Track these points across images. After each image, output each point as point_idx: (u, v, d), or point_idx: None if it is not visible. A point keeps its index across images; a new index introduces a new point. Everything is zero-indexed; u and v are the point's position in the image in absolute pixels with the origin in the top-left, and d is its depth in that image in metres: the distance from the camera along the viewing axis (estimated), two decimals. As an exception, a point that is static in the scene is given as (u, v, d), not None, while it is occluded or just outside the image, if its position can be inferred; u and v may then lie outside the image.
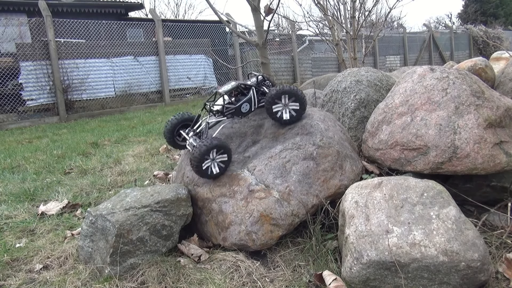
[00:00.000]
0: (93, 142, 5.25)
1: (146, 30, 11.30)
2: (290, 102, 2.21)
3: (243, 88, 2.28)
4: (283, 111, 2.21)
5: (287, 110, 2.22)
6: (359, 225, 1.64)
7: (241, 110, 2.24)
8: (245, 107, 2.24)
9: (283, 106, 2.21)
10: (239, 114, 2.25)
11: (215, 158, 2.06)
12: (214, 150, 2.02)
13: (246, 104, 2.24)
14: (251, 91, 2.26)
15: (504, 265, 1.69)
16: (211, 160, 2.05)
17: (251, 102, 2.25)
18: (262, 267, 1.88)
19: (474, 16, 25.85)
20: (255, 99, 2.27)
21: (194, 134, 2.24)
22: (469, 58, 3.39)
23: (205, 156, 2.01)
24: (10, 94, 8.00)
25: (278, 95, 2.17)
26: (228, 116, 2.24)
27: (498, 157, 1.92)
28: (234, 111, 2.23)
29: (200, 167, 2.03)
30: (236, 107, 2.22)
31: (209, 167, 2.06)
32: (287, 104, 2.21)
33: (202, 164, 2.02)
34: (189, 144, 2.20)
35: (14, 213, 2.78)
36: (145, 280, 1.82)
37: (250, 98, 2.25)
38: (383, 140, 2.22)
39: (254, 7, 3.32)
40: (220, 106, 2.21)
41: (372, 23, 8.88)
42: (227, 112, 2.22)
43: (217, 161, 2.07)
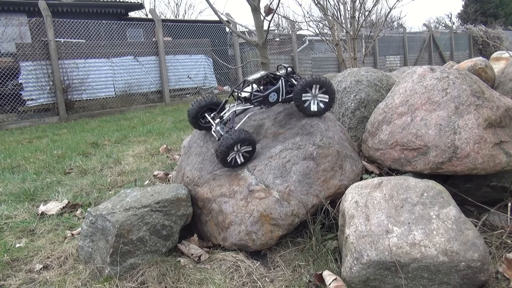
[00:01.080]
0: (93, 142, 5.25)
1: (146, 30, 11.30)
2: (319, 93, 2.19)
3: (272, 78, 2.27)
4: (311, 102, 2.19)
5: (316, 101, 2.20)
6: (359, 225, 1.64)
7: (268, 99, 2.22)
8: (273, 96, 2.22)
9: (312, 97, 2.19)
10: (266, 103, 2.23)
11: (240, 149, 2.09)
12: (242, 143, 2.05)
13: (274, 93, 2.22)
14: (280, 81, 2.24)
15: (504, 265, 1.69)
16: (236, 152, 2.08)
17: (279, 92, 2.23)
18: (262, 267, 1.88)
19: (474, 16, 25.85)
20: (283, 89, 2.24)
21: (220, 121, 2.24)
22: (469, 58, 3.39)
23: (231, 150, 2.04)
24: (10, 94, 8.00)
25: (310, 84, 2.15)
26: (255, 104, 2.22)
27: (498, 157, 1.92)
28: (262, 99, 2.21)
29: (225, 160, 2.06)
30: (264, 96, 2.20)
31: (233, 158, 2.10)
32: (316, 95, 2.19)
33: (227, 157, 2.06)
34: (216, 131, 2.20)
35: (14, 213, 2.78)
36: (145, 280, 1.82)
37: (278, 88, 2.23)
38: (383, 140, 2.22)
39: (254, 7, 3.32)
40: (248, 94, 2.19)
41: (372, 23, 8.88)
42: (254, 100, 2.20)
43: (241, 152, 2.10)
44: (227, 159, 2.07)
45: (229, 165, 2.11)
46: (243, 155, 2.12)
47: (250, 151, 2.12)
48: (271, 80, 2.26)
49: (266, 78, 2.26)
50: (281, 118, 2.40)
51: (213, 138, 2.36)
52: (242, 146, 2.07)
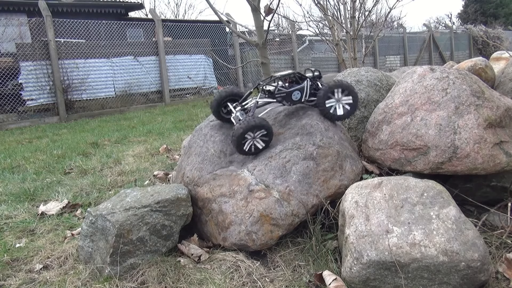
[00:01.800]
0: (93, 142, 5.25)
1: (146, 30, 11.30)
2: (343, 96, 2.21)
3: (298, 77, 2.30)
4: (336, 107, 2.21)
5: (340, 105, 2.21)
6: (359, 225, 1.64)
7: (291, 96, 2.25)
8: (296, 95, 2.25)
9: (336, 101, 2.20)
10: (288, 100, 2.26)
11: (255, 136, 2.10)
12: (253, 129, 2.06)
13: (298, 92, 2.25)
14: (306, 82, 2.27)
15: (504, 265, 1.69)
16: (251, 138, 2.10)
17: (303, 92, 2.26)
18: (262, 267, 1.88)
19: (474, 16, 25.86)
20: (307, 91, 2.27)
21: (241, 108, 2.27)
22: (469, 58, 3.39)
23: (243, 138, 2.06)
24: (10, 94, 8.00)
25: (332, 89, 2.17)
26: (278, 99, 2.24)
27: (498, 157, 1.92)
28: (285, 95, 2.24)
29: (241, 148, 2.09)
30: (288, 92, 2.23)
31: (251, 145, 2.12)
32: (340, 99, 2.20)
33: (242, 145, 2.08)
34: (235, 117, 2.23)
35: (14, 213, 2.78)
36: (145, 280, 1.82)
37: (303, 87, 2.26)
38: (383, 140, 2.22)
39: (254, 7, 3.32)
40: (273, 88, 2.23)
41: (372, 23, 8.88)
42: (278, 95, 2.22)
43: (258, 138, 2.12)
44: (242, 147, 2.10)
45: (247, 152, 2.13)
46: (262, 140, 2.13)
47: (266, 134, 2.12)
48: (297, 80, 2.29)
49: (292, 77, 2.29)
50: (281, 118, 2.40)
51: (213, 138, 2.36)
52: (256, 133, 2.08)
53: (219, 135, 2.38)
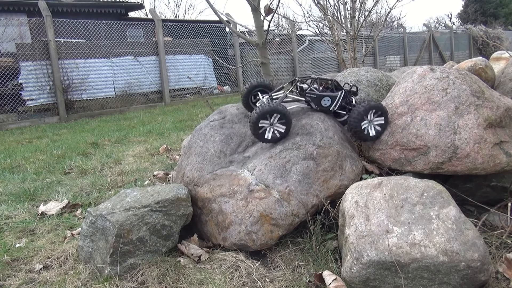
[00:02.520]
0: (93, 142, 5.26)
1: (146, 30, 11.31)
2: (375, 117, 2.19)
3: (334, 86, 2.31)
4: (368, 128, 2.19)
5: (372, 126, 2.20)
6: (359, 225, 1.64)
7: (320, 101, 2.24)
8: (326, 101, 2.24)
9: (369, 122, 2.19)
10: (317, 103, 2.25)
11: (273, 123, 2.09)
12: (270, 114, 2.05)
13: (329, 99, 2.25)
14: (340, 93, 2.27)
15: (504, 265, 1.69)
16: (269, 125, 2.09)
17: (334, 101, 2.26)
18: (262, 267, 1.88)
19: (474, 16, 25.86)
20: (339, 102, 2.26)
21: (269, 97, 2.28)
22: (469, 58, 3.39)
23: (260, 121, 2.06)
24: (10, 94, 8.00)
25: (366, 112, 2.16)
26: (307, 98, 2.25)
27: (498, 157, 1.92)
28: (315, 97, 2.24)
29: (257, 132, 2.09)
30: (318, 95, 2.23)
31: (272, 131, 2.12)
32: (373, 120, 2.19)
33: (258, 129, 2.08)
34: (260, 102, 2.24)
35: (14, 213, 2.78)
36: (145, 280, 1.82)
37: (335, 96, 2.26)
38: (383, 140, 2.22)
39: (254, 7, 3.32)
40: (306, 86, 2.25)
41: (372, 23, 8.88)
42: (308, 95, 2.23)
43: (275, 125, 2.12)
44: (258, 131, 2.09)
45: (262, 138, 2.13)
46: (278, 130, 2.13)
47: (284, 121, 2.11)
48: (333, 89, 2.29)
49: (330, 84, 2.31)
50: (281, 118, 2.40)
51: (213, 138, 2.37)
52: (273, 119, 2.08)
53: (219, 135, 2.38)
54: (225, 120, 2.50)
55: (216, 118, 2.53)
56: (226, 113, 2.56)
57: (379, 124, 2.20)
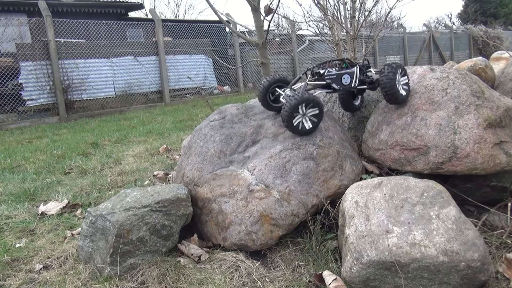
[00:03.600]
0: (93, 142, 5.26)
1: (146, 30, 11.31)
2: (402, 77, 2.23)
3: (348, 63, 2.33)
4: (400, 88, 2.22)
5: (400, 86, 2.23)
6: (359, 225, 1.64)
7: (341, 79, 2.26)
8: (346, 78, 2.26)
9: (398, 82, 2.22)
10: (338, 83, 2.26)
11: (306, 113, 2.08)
12: (303, 104, 2.03)
13: (348, 76, 2.27)
14: (355, 68, 2.31)
15: (504, 265, 1.69)
16: (302, 115, 2.08)
17: (353, 77, 2.29)
18: (262, 267, 1.88)
19: (474, 16, 25.85)
20: (357, 77, 2.30)
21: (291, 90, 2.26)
22: (469, 58, 3.39)
23: (295, 111, 2.04)
24: (10, 94, 8.00)
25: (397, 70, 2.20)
26: (327, 81, 2.25)
27: (498, 157, 1.92)
28: (335, 77, 2.25)
29: (291, 123, 2.06)
30: (337, 74, 2.25)
31: (300, 122, 2.09)
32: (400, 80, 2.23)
33: (293, 120, 2.06)
34: (285, 96, 2.21)
35: (14, 213, 2.78)
36: (145, 280, 1.82)
37: (352, 72, 2.28)
38: (383, 140, 2.22)
39: (254, 7, 3.32)
40: (323, 70, 2.26)
41: (372, 23, 8.88)
42: (327, 77, 2.24)
43: (308, 115, 2.09)
44: (292, 122, 2.05)
45: (296, 130, 2.10)
46: (310, 119, 2.11)
47: (317, 114, 2.10)
48: (348, 66, 2.33)
49: (342, 63, 2.33)
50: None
51: (213, 138, 2.37)
52: (308, 109, 2.06)
53: (219, 135, 2.38)
54: (225, 120, 2.50)
55: (216, 118, 2.53)
56: (226, 113, 2.56)
57: (405, 84, 2.24)
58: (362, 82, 2.33)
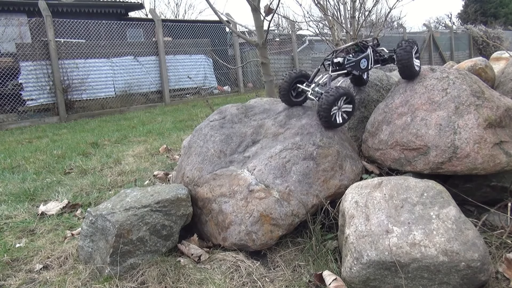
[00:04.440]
0: (93, 142, 5.26)
1: (146, 30, 11.31)
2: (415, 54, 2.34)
3: (362, 46, 2.42)
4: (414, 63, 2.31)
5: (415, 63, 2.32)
6: (359, 225, 1.64)
7: (359, 65, 2.35)
8: (364, 63, 2.37)
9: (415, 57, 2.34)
10: (357, 68, 2.35)
11: (341, 107, 2.16)
12: (342, 98, 2.12)
13: (365, 60, 2.37)
14: (369, 49, 2.40)
15: (504, 265, 1.69)
16: (337, 109, 2.15)
17: (369, 59, 2.39)
18: (262, 267, 1.88)
19: (474, 16, 25.85)
20: (372, 58, 2.41)
21: (316, 85, 2.32)
22: (469, 58, 3.39)
23: (333, 106, 2.11)
24: (10, 94, 8.00)
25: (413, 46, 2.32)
26: (348, 69, 2.32)
27: (498, 157, 1.92)
28: (354, 64, 2.33)
29: (329, 118, 2.13)
30: (356, 61, 2.33)
31: (335, 115, 2.16)
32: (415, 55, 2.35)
33: (330, 114, 2.12)
34: (314, 92, 2.27)
35: (14, 213, 2.78)
36: (145, 280, 1.82)
37: (368, 55, 2.39)
38: (383, 140, 2.22)
39: (254, 7, 3.32)
40: (342, 59, 2.33)
41: (372, 23, 8.88)
42: (347, 65, 2.32)
43: (342, 110, 2.18)
44: (330, 117, 2.13)
45: (332, 123, 2.16)
46: (342, 115, 2.19)
47: (350, 112, 2.21)
48: (361, 49, 2.42)
49: (355, 47, 2.42)
50: (281, 118, 2.40)
51: (213, 138, 2.37)
52: (343, 103, 2.15)
53: (219, 135, 2.38)
54: (225, 120, 2.50)
55: (216, 118, 2.53)
56: (226, 113, 2.56)
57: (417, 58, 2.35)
58: (376, 61, 2.44)
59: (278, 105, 2.56)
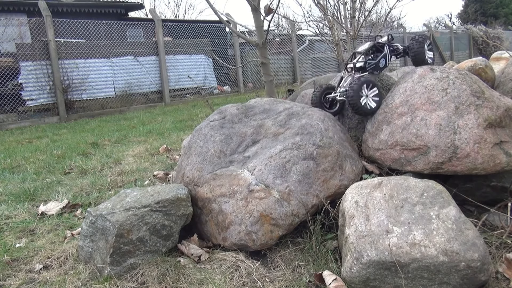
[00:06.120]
0: (93, 142, 5.25)
1: (146, 30, 11.31)
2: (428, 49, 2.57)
3: (379, 46, 2.61)
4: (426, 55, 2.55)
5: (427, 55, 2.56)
6: (359, 225, 1.64)
7: (379, 65, 2.55)
8: (382, 62, 2.57)
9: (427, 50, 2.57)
10: (377, 69, 2.56)
11: (368, 94, 2.32)
12: (364, 86, 2.28)
13: (383, 59, 2.57)
14: (385, 48, 2.60)
15: (504, 265, 1.69)
16: (365, 96, 2.30)
17: (386, 58, 2.60)
18: (262, 267, 1.88)
19: (474, 16, 25.84)
20: (389, 55, 2.62)
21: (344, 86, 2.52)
22: (469, 58, 3.39)
23: (360, 91, 2.27)
24: (10, 94, 8.00)
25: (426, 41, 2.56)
26: (369, 71, 2.52)
27: (498, 157, 1.92)
28: (374, 66, 2.54)
29: (361, 106, 2.28)
30: (376, 62, 2.54)
31: (366, 103, 2.31)
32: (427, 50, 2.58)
33: (360, 101, 2.27)
34: (340, 93, 2.48)
35: (14, 213, 2.78)
36: (145, 280, 1.82)
37: (385, 54, 2.59)
38: (383, 140, 2.22)
39: (254, 7, 3.32)
40: (363, 63, 2.51)
41: (372, 23, 8.88)
42: (369, 67, 2.51)
43: (370, 96, 2.33)
44: (362, 107, 2.28)
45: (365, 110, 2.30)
46: (373, 99, 2.33)
47: (378, 93, 2.35)
48: (378, 49, 2.61)
49: (373, 47, 2.60)
50: (281, 118, 2.40)
51: (213, 138, 2.37)
52: (368, 90, 2.31)
53: (219, 135, 2.38)
54: (225, 120, 2.50)
55: (216, 118, 2.53)
56: (226, 113, 2.56)
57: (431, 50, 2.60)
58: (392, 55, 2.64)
59: (278, 105, 2.56)
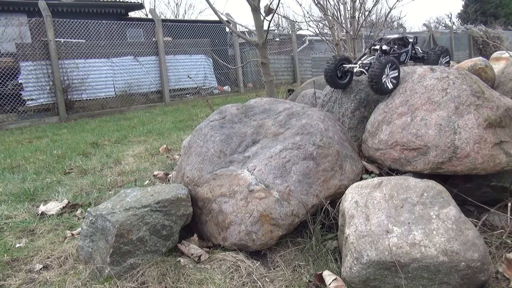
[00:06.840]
0: (93, 142, 5.25)
1: (146, 30, 11.31)
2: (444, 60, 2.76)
3: (406, 41, 2.69)
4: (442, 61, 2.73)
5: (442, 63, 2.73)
6: (359, 225, 1.64)
7: (400, 57, 2.62)
8: (403, 56, 2.64)
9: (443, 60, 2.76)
10: (397, 60, 2.57)
11: (389, 74, 2.33)
12: (388, 65, 2.30)
13: (405, 54, 2.65)
14: (410, 46, 2.69)
15: (504, 265, 1.69)
16: (386, 76, 2.32)
17: (408, 54, 2.68)
18: (262, 267, 1.88)
19: (474, 16, 25.84)
20: (410, 53, 2.70)
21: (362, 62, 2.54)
22: (469, 58, 3.39)
23: (383, 72, 2.28)
24: (10, 94, 8.00)
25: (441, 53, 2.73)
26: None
27: (498, 157, 1.92)
28: (397, 55, 2.59)
29: (381, 83, 2.29)
30: (399, 53, 2.61)
31: (386, 82, 2.32)
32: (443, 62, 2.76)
33: (382, 80, 2.28)
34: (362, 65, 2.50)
35: (14, 213, 2.78)
36: (145, 280, 1.82)
37: (408, 50, 2.68)
38: (383, 140, 2.22)
39: (254, 7, 3.32)
40: (388, 48, 2.57)
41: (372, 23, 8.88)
42: (392, 54, 2.56)
43: (390, 76, 2.34)
44: (382, 85, 2.29)
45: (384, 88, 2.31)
46: (392, 80, 2.34)
47: (396, 76, 2.36)
48: (405, 43, 2.68)
49: (399, 40, 2.68)
50: (281, 118, 2.40)
51: (213, 138, 2.36)
52: (389, 70, 2.32)
53: (219, 135, 2.38)
54: (225, 120, 2.50)
55: (216, 118, 2.53)
56: (226, 113, 2.56)
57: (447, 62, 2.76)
58: (410, 57, 2.71)
59: (278, 105, 2.56)
